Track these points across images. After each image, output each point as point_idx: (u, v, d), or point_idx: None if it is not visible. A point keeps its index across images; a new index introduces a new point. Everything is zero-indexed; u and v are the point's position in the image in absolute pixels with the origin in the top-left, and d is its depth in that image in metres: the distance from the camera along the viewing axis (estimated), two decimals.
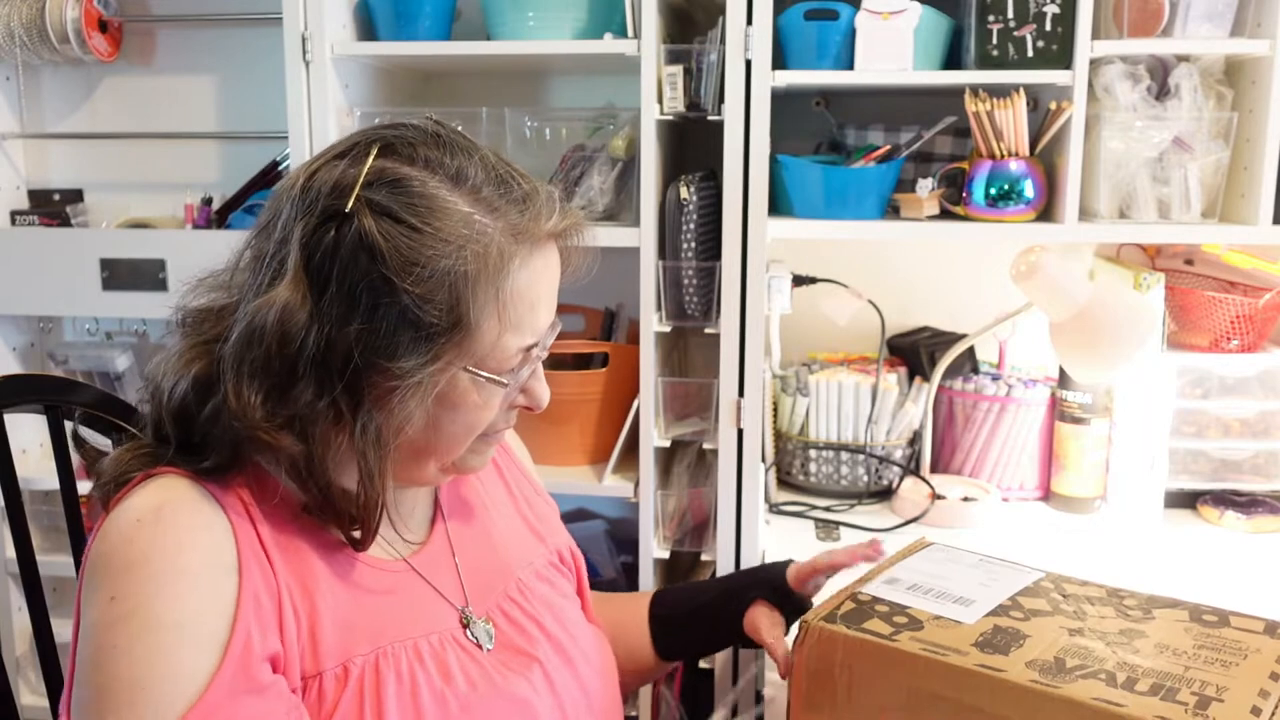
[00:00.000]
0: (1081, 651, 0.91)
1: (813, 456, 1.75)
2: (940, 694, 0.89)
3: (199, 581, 0.78)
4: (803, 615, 0.99)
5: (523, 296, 0.84)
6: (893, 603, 1.00)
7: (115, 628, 0.75)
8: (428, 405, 0.83)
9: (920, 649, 0.91)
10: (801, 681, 0.98)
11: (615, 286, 1.79)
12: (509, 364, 0.86)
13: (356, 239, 0.79)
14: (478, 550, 1.00)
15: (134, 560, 0.77)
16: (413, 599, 0.92)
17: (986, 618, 0.97)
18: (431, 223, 0.80)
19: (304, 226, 0.80)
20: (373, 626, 0.87)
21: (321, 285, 0.80)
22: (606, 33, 1.57)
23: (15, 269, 1.86)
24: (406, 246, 0.79)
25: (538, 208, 0.85)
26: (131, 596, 0.76)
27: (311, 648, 0.83)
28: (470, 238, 0.81)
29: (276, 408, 0.80)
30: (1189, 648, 0.92)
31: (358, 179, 0.80)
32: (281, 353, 0.79)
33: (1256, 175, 1.50)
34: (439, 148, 0.83)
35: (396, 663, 0.86)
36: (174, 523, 0.79)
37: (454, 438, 0.88)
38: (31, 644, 1.95)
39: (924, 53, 1.53)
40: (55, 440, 1.20)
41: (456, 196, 0.82)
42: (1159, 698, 0.83)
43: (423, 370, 0.81)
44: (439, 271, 0.79)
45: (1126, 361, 1.53)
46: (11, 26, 1.87)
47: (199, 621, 0.76)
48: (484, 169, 0.84)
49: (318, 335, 0.79)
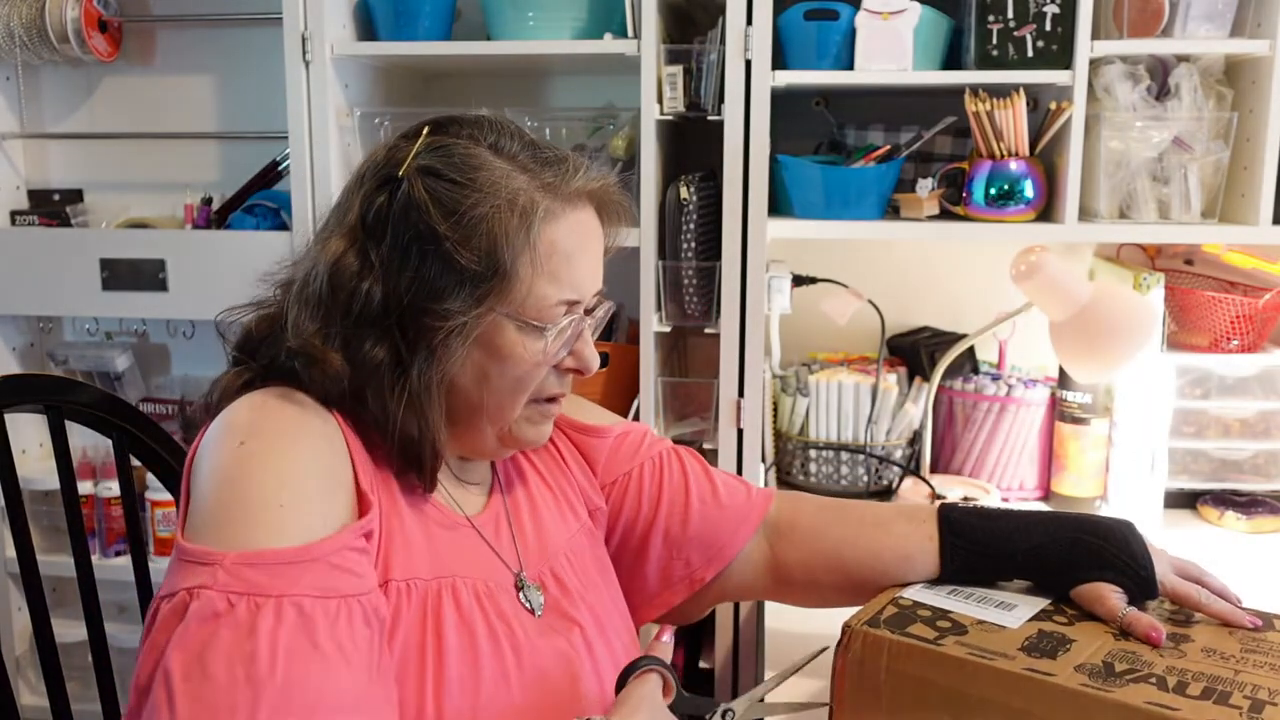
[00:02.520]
0: (1129, 656, 0.90)
1: (813, 456, 1.75)
2: (988, 699, 0.88)
3: (320, 448, 0.85)
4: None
5: (557, 247, 0.91)
6: (935, 607, 1.00)
7: (247, 463, 0.81)
8: (474, 352, 0.90)
9: (967, 653, 0.91)
10: (845, 686, 0.97)
11: (615, 286, 1.76)
12: (550, 315, 0.92)
13: (406, 198, 0.89)
14: (530, 521, 1.04)
15: (261, 422, 0.85)
16: (475, 549, 0.97)
17: (1030, 622, 0.96)
18: (470, 176, 0.89)
19: (364, 192, 0.91)
20: (438, 558, 0.92)
21: (376, 239, 0.89)
22: (606, 33, 1.57)
23: (15, 269, 1.86)
24: (448, 198, 0.88)
25: (567, 168, 0.93)
26: (264, 441, 0.83)
27: (384, 557, 0.87)
28: (503, 187, 0.89)
29: (329, 331, 0.89)
30: (1236, 651, 0.91)
31: (412, 150, 0.91)
32: (334, 293, 0.89)
33: (1256, 175, 1.50)
34: (482, 126, 0.93)
35: (457, 594, 0.91)
36: (289, 408, 0.87)
37: (504, 393, 0.93)
38: (31, 644, 1.95)
39: (924, 53, 1.53)
40: (55, 440, 1.20)
41: (495, 158, 0.91)
42: (1212, 701, 0.83)
43: (467, 313, 0.88)
44: (476, 218, 0.88)
45: (1126, 361, 1.53)
46: (11, 26, 1.87)
47: (328, 474, 0.84)
48: (521, 142, 0.93)
49: (371, 284, 0.88)
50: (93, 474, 1.96)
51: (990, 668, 0.89)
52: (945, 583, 1.06)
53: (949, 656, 0.91)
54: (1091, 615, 0.98)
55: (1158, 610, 1.00)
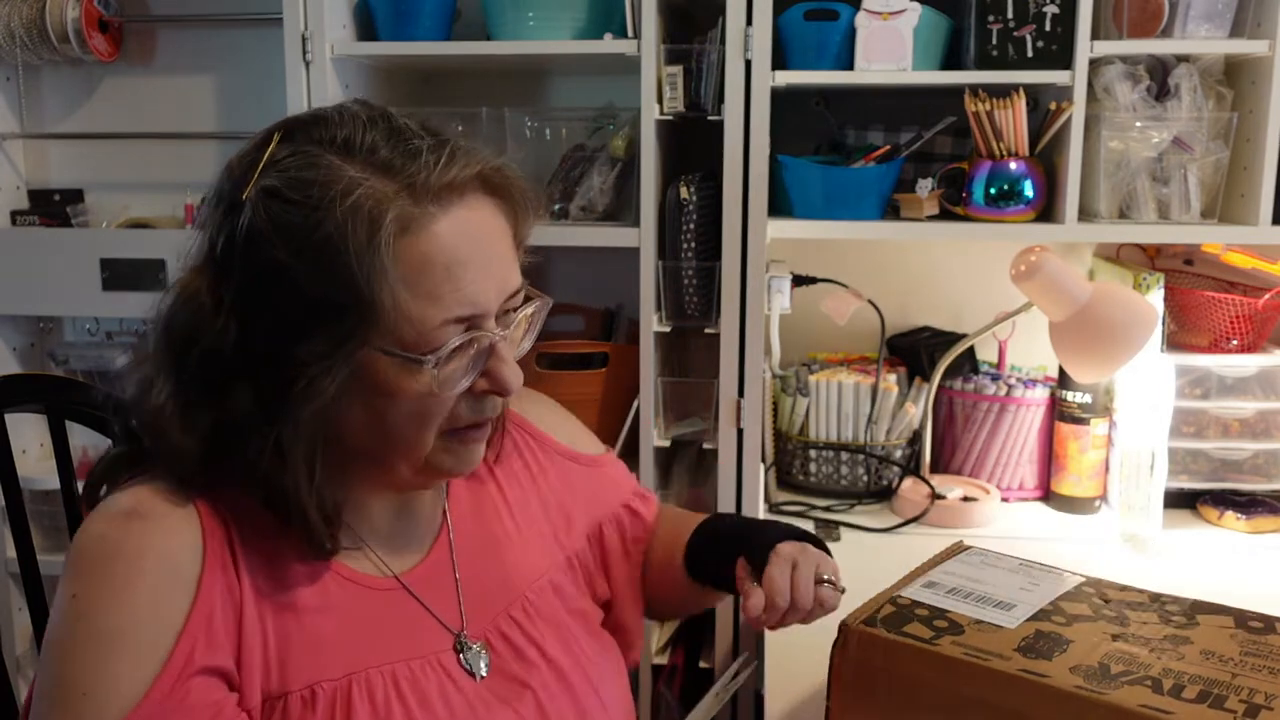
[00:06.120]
0: (1126, 657, 0.90)
1: (813, 456, 1.75)
2: (982, 699, 0.88)
3: (154, 589, 0.76)
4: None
5: (431, 259, 0.77)
6: (933, 606, 1.00)
7: (69, 627, 0.76)
8: (354, 391, 0.78)
9: (962, 653, 0.91)
10: (841, 684, 0.97)
11: (615, 286, 1.79)
12: (434, 340, 0.78)
13: (249, 225, 0.77)
14: (484, 564, 0.95)
15: (97, 560, 0.77)
16: (400, 620, 0.87)
17: (1028, 623, 0.97)
18: (310, 194, 0.76)
19: (213, 220, 0.80)
20: (350, 649, 0.83)
21: (226, 274, 0.78)
22: (606, 33, 1.57)
23: (15, 269, 1.86)
24: (288, 223, 0.76)
25: (435, 158, 0.78)
26: (87, 598, 0.76)
27: (279, 666, 0.80)
28: (359, 204, 0.75)
29: (182, 389, 0.79)
30: (1235, 654, 0.91)
31: (256, 166, 0.78)
32: (186, 341, 0.78)
33: (1256, 175, 1.50)
34: (336, 121, 0.80)
35: (370, 689, 0.82)
36: (141, 527, 0.78)
37: (404, 430, 0.81)
38: (31, 644, 1.95)
39: (924, 53, 1.53)
40: (55, 440, 1.20)
41: (345, 163, 0.77)
42: (1207, 705, 0.83)
43: (332, 354, 0.76)
44: (319, 241, 0.75)
45: (1126, 361, 1.53)
46: (11, 26, 1.87)
47: (143, 629, 0.76)
48: (384, 133, 0.79)
49: (224, 326, 0.78)
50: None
51: (985, 668, 0.89)
52: (691, 568, 1.07)
53: (944, 656, 0.91)
54: (1090, 617, 0.98)
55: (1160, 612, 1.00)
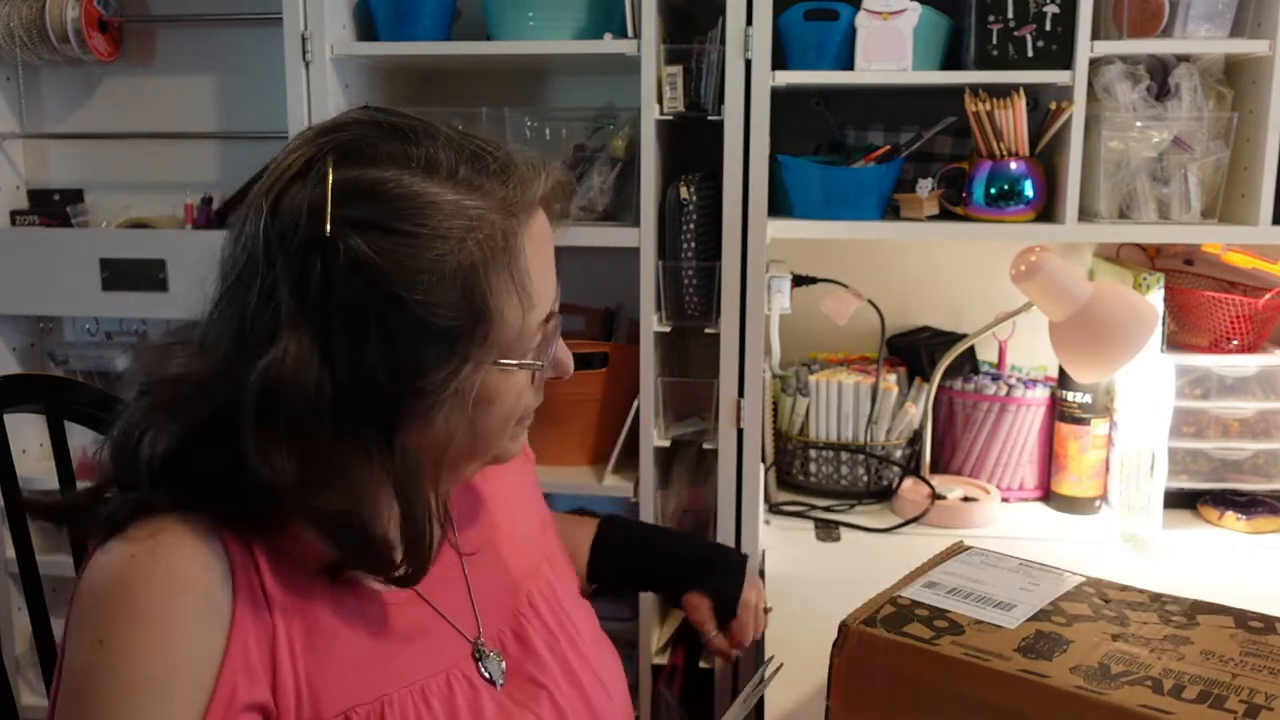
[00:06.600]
0: (1126, 658, 0.90)
1: (813, 456, 1.75)
2: (982, 699, 0.88)
3: (187, 630, 0.73)
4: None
5: (533, 270, 0.80)
6: (933, 607, 0.99)
7: (99, 676, 0.72)
8: (463, 408, 0.79)
9: (962, 654, 0.90)
10: (840, 685, 0.97)
11: (615, 286, 1.79)
12: (534, 343, 0.83)
13: (348, 265, 0.73)
14: (488, 565, 0.96)
15: (122, 601, 0.73)
16: (422, 634, 0.87)
17: (1028, 623, 0.96)
18: (426, 223, 0.74)
19: (289, 268, 0.74)
20: (379, 670, 0.82)
21: (325, 325, 0.73)
22: (606, 33, 1.57)
23: (15, 269, 1.86)
24: (406, 255, 0.73)
25: (521, 175, 0.80)
26: (118, 644, 0.72)
27: (310, 697, 0.78)
28: (469, 227, 0.75)
29: (312, 466, 0.75)
30: (1235, 654, 0.91)
31: (326, 198, 0.73)
32: (303, 409, 0.73)
33: (1256, 175, 1.50)
34: (397, 138, 0.77)
35: (403, 710, 0.82)
36: (168, 563, 0.74)
37: (495, 431, 0.84)
38: (31, 644, 1.94)
39: (924, 53, 1.52)
40: (55, 440, 1.20)
41: (437, 187, 0.75)
42: (1207, 705, 0.82)
43: (456, 378, 0.76)
44: (447, 271, 0.74)
45: (1126, 361, 1.53)
46: (11, 26, 1.87)
47: (183, 673, 0.72)
48: (452, 149, 0.78)
49: (339, 377, 0.74)
50: (93, 474, 1.95)
51: (985, 668, 0.89)
52: (595, 579, 1.19)
53: (944, 656, 0.91)
54: (1090, 617, 0.98)
55: (1160, 612, 1.00)
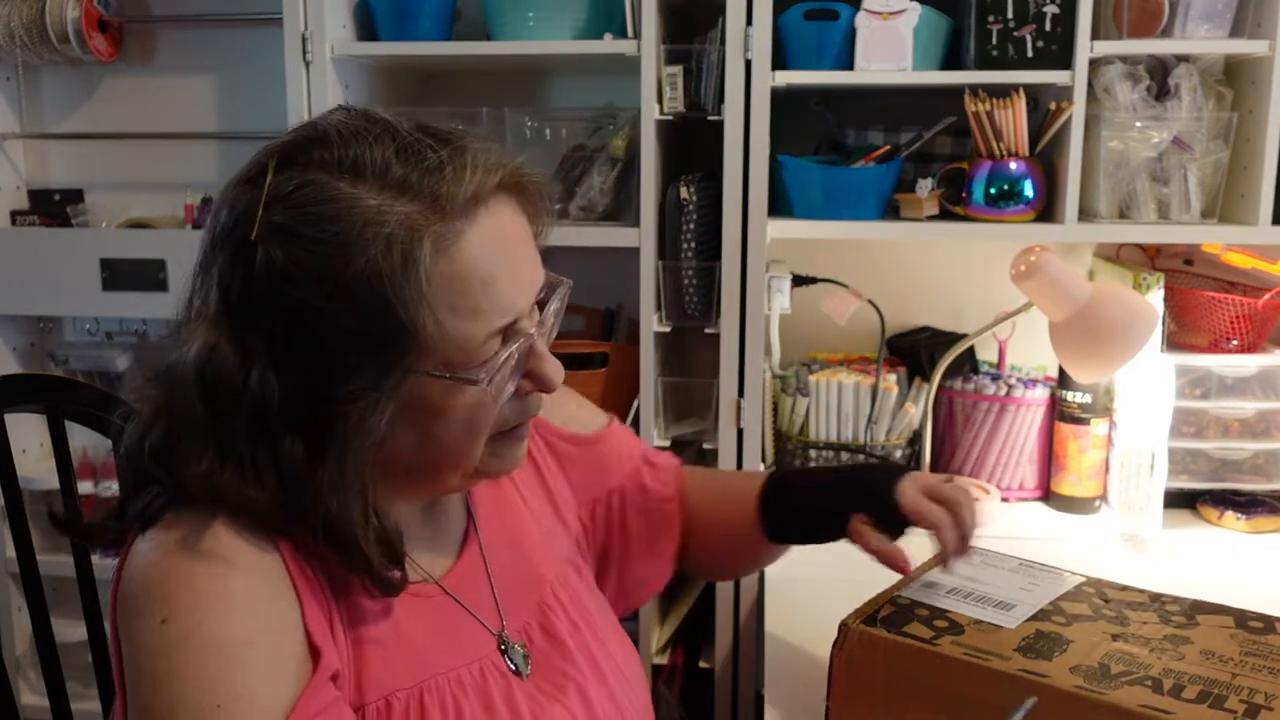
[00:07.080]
0: (1126, 658, 0.90)
1: (813, 456, 1.75)
2: (982, 699, 0.88)
3: (255, 602, 0.73)
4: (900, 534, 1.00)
5: (468, 276, 0.75)
6: (933, 606, 1.00)
7: (173, 653, 0.71)
8: (404, 416, 0.77)
9: (962, 653, 0.91)
10: (841, 684, 0.97)
11: (615, 286, 1.79)
12: (482, 355, 0.77)
13: (265, 268, 0.73)
14: (511, 560, 0.96)
15: (179, 579, 0.73)
16: (451, 626, 0.87)
17: (1028, 623, 0.96)
18: (330, 228, 0.73)
19: (220, 265, 0.75)
20: (414, 659, 0.83)
21: (247, 323, 0.74)
22: (606, 33, 1.57)
23: (15, 269, 1.86)
24: (311, 261, 0.72)
25: (460, 168, 0.75)
26: (183, 619, 0.71)
27: (355, 680, 0.79)
28: (380, 233, 0.72)
29: (239, 462, 0.74)
30: (1235, 654, 0.91)
31: (259, 202, 0.74)
32: (216, 401, 0.73)
33: (1256, 175, 1.50)
34: (338, 141, 0.76)
35: (441, 697, 0.82)
36: (219, 543, 0.74)
37: (458, 445, 0.81)
38: (31, 644, 1.95)
39: (924, 53, 1.53)
40: (55, 440, 1.20)
41: (359, 189, 0.74)
42: (1207, 705, 0.83)
43: (378, 386, 0.74)
44: (353, 279, 0.72)
45: (1126, 361, 1.53)
46: (11, 26, 1.87)
47: (264, 641, 0.72)
48: (392, 148, 0.75)
49: (262, 378, 0.73)
50: (93, 474, 1.96)
51: (985, 668, 0.89)
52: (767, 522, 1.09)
53: (944, 656, 0.91)
54: (1090, 617, 0.98)
55: (1160, 612, 1.00)
